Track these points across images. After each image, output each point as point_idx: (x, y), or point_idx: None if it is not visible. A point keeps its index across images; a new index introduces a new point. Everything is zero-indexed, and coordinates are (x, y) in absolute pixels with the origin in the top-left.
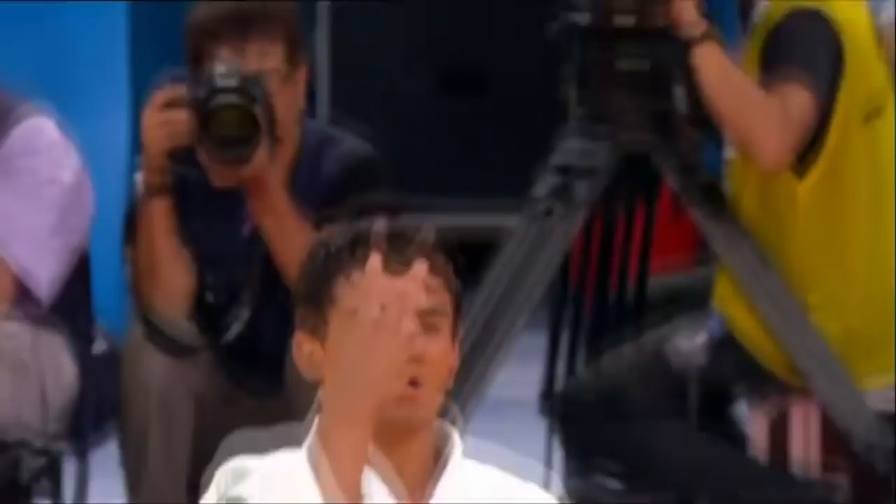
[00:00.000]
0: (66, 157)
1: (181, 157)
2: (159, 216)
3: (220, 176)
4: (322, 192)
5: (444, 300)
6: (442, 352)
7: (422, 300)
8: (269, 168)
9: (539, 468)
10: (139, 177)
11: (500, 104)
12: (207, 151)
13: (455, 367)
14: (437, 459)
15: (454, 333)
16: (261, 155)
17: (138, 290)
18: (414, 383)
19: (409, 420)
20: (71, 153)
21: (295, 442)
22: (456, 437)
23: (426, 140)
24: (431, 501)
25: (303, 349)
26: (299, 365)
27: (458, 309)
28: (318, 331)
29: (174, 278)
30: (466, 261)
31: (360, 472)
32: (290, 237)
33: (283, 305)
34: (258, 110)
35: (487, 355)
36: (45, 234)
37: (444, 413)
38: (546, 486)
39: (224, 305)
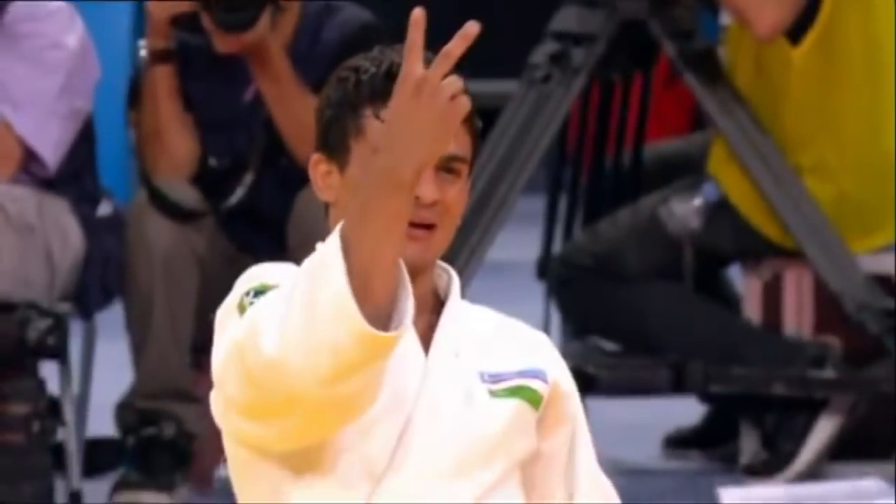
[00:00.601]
0: (70, 22)
1: (184, 23)
2: (163, 81)
3: (222, 42)
4: (322, 58)
5: (466, 145)
6: (458, 198)
7: (448, 146)
8: (271, 35)
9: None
10: (143, 43)
11: None
12: (212, 17)
13: (463, 206)
14: (436, 297)
15: (468, 177)
16: (262, 22)
17: (142, 154)
18: (429, 226)
19: (420, 259)
20: (75, 18)
21: None
22: (454, 274)
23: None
24: (437, 332)
25: (319, 168)
26: (313, 182)
27: (475, 152)
28: (337, 156)
29: (178, 142)
30: None
31: (401, 240)
32: (291, 103)
33: (285, 169)
34: None
35: (487, 218)
36: (51, 98)
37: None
38: None
39: (227, 169)
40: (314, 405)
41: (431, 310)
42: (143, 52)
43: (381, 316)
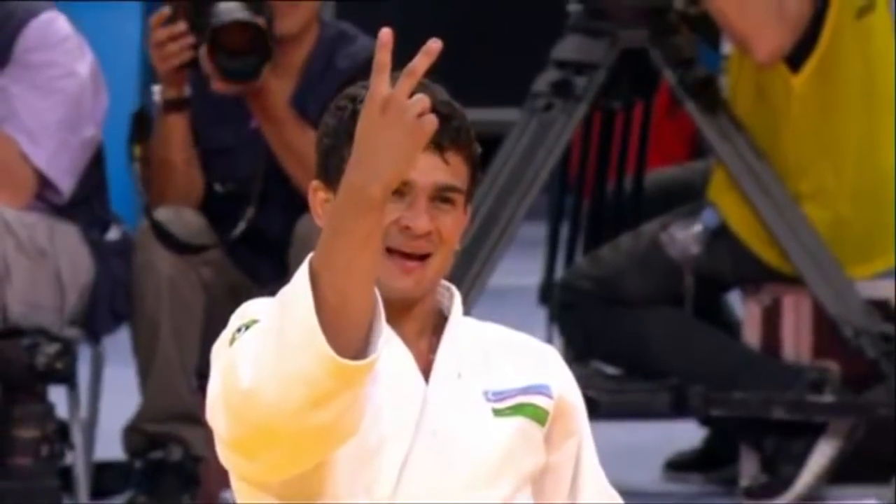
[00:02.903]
0: (80, 51)
1: (192, 66)
2: (177, 129)
3: (221, 85)
4: (332, 85)
5: (461, 175)
6: (453, 228)
7: (440, 177)
8: (268, 77)
9: None
10: (157, 89)
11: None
12: (215, 63)
13: (461, 232)
14: (440, 317)
15: (466, 203)
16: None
17: (147, 188)
18: (423, 257)
19: (415, 291)
20: (84, 46)
21: None
22: (456, 293)
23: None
24: (438, 353)
25: (318, 195)
26: (312, 209)
27: (473, 181)
28: (335, 184)
29: (187, 181)
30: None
31: (374, 261)
32: (290, 140)
33: (290, 195)
34: (266, 26)
35: (489, 245)
36: (65, 127)
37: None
38: None
39: (231, 194)
40: (293, 435)
41: (434, 331)
42: (156, 97)
43: (355, 343)
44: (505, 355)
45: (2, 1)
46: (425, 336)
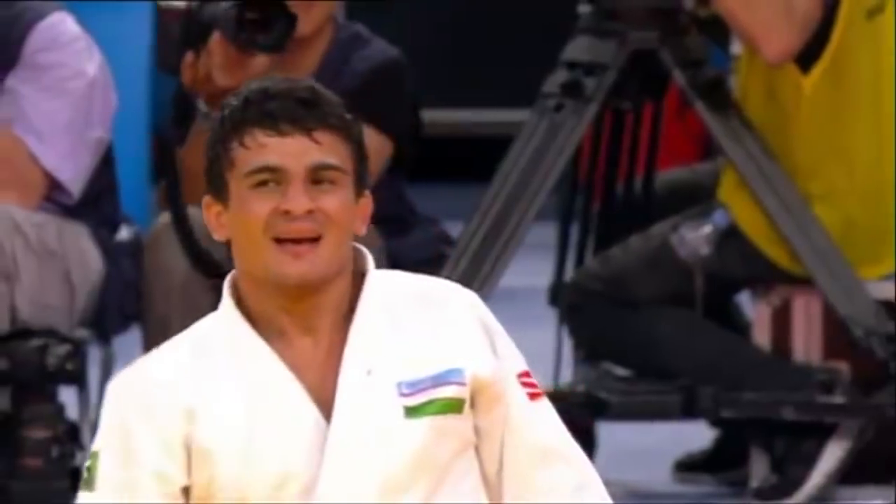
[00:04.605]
0: (88, 51)
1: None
2: None
3: (226, 75)
4: (347, 87)
5: (339, 153)
6: (338, 206)
7: (313, 157)
8: (269, 71)
9: (550, 355)
10: (201, 105)
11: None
12: (240, 40)
13: (362, 221)
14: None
15: (357, 189)
16: (259, 61)
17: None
18: (313, 240)
19: (310, 276)
20: (93, 47)
21: None
22: (368, 277)
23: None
24: (346, 350)
25: (210, 210)
26: (208, 225)
27: (357, 161)
28: (221, 193)
29: None
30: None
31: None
32: None
33: None
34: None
35: (499, 246)
36: (74, 128)
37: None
38: (556, 371)
39: None
40: None
41: (345, 323)
42: (202, 107)
43: None
44: (420, 331)
45: (10, 2)
46: (339, 328)
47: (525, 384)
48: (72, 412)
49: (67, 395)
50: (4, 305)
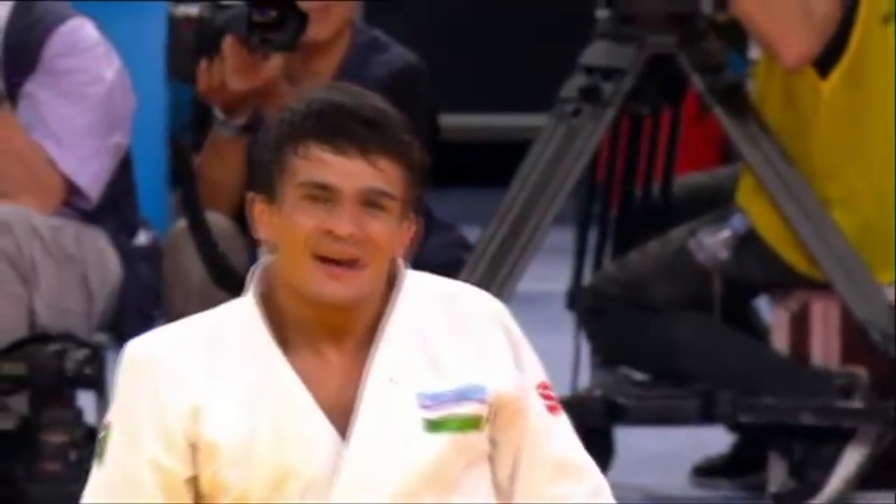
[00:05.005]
0: (107, 56)
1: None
2: (234, 152)
3: (239, 79)
4: None
5: (395, 181)
6: (384, 233)
7: (367, 181)
8: (281, 82)
9: (567, 359)
10: (218, 113)
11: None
12: (250, 41)
13: (404, 245)
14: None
15: (405, 214)
16: (273, 64)
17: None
18: (352, 263)
19: (344, 298)
20: (111, 52)
21: None
22: (402, 275)
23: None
24: (372, 359)
25: (255, 208)
26: (251, 222)
27: (415, 189)
28: (270, 196)
29: (232, 200)
30: (497, 159)
31: None
32: None
33: None
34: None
35: (517, 250)
36: (93, 133)
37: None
38: (574, 376)
39: None
40: None
41: (372, 326)
42: (218, 115)
43: None
44: (446, 341)
45: (29, 7)
46: (367, 332)
47: (544, 396)
48: (90, 416)
49: (85, 400)
50: (23, 310)
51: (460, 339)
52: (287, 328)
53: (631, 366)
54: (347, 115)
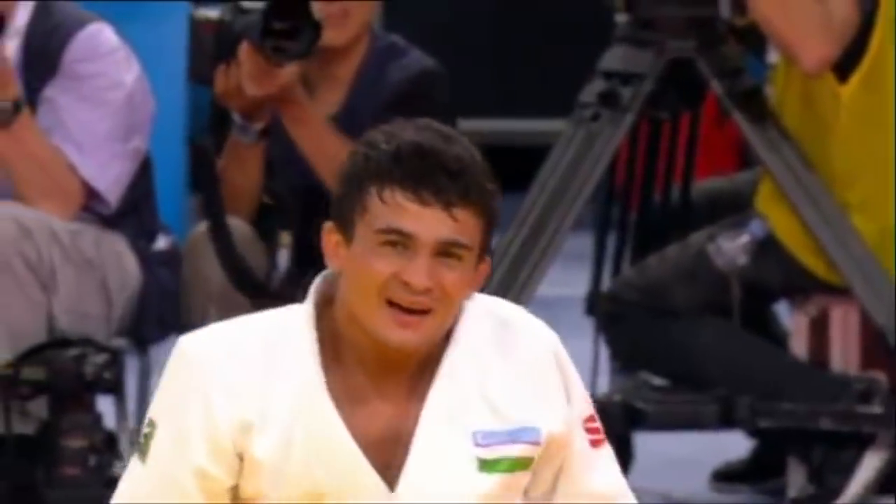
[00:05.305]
0: (127, 62)
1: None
2: (253, 157)
3: (256, 85)
4: (384, 98)
5: (471, 230)
6: (458, 284)
7: (445, 233)
8: (298, 86)
9: (586, 365)
10: (236, 118)
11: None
12: (265, 50)
13: (475, 288)
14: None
15: (479, 260)
16: (288, 71)
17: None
18: (422, 311)
19: (412, 344)
20: (131, 57)
21: None
22: (464, 308)
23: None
24: (430, 399)
25: (330, 237)
26: (324, 251)
27: (488, 234)
28: (345, 228)
29: (250, 205)
30: (516, 164)
31: None
32: (322, 146)
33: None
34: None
35: (536, 255)
36: (113, 138)
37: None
38: (593, 381)
39: (279, 208)
40: None
41: (429, 357)
42: (237, 120)
43: None
44: (501, 377)
45: (49, 12)
46: (420, 374)
47: (589, 430)
48: (109, 421)
49: (105, 405)
50: (42, 315)
51: (515, 374)
52: (341, 345)
53: (650, 371)
54: (432, 164)
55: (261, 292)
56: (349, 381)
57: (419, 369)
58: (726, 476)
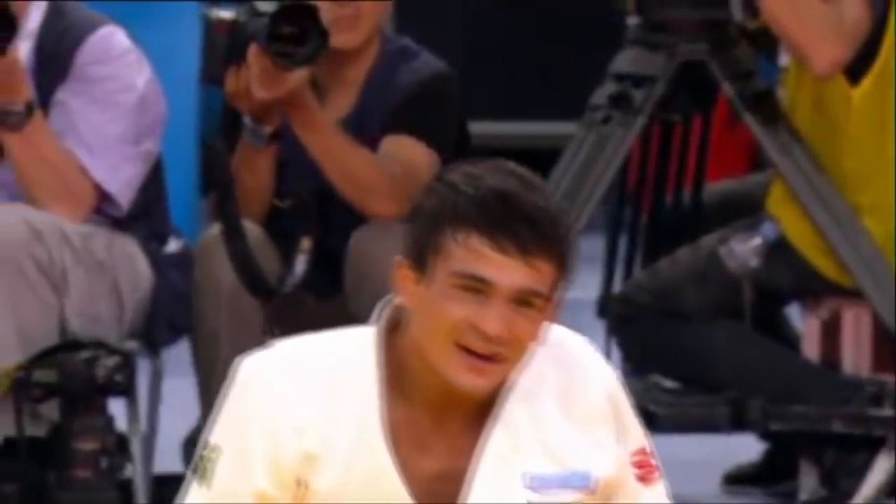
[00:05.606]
0: (138, 64)
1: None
2: (264, 160)
3: (265, 88)
4: (395, 101)
5: (547, 279)
6: (532, 333)
7: (523, 282)
8: (306, 90)
9: None
10: (246, 120)
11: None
12: (273, 54)
13: (545, 329)
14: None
15: (553, 300)
16: (297, 76)
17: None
18: (494, 358)
19: (482, 389)
20: (143, 60)
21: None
22: (532, 350)
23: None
24: (486, 436)
25: (402, 272)
26: (394, 285)
27: (562, 280)
28: (421, 266)
29: (261, 207)
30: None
31: None
32: (331, 150)
33: (347, 210)
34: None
35: None
36: (124, 141)
37: None
38: None
39: (291, 211)
40: None
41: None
42: (247, 123)
43: None
44: (557, 416)
45: (61, 15)
46: (478, 411)
47: (639, 464)
48: (121, 424)
49: (116, 407)
50: (53, 317)
51: (570, 418)
52: (405, 375)
53: (661, 373)
54: (514, 213)
55: (272, 295)
56: (409, 412)
57: (478, 405)
58: (738, 479)
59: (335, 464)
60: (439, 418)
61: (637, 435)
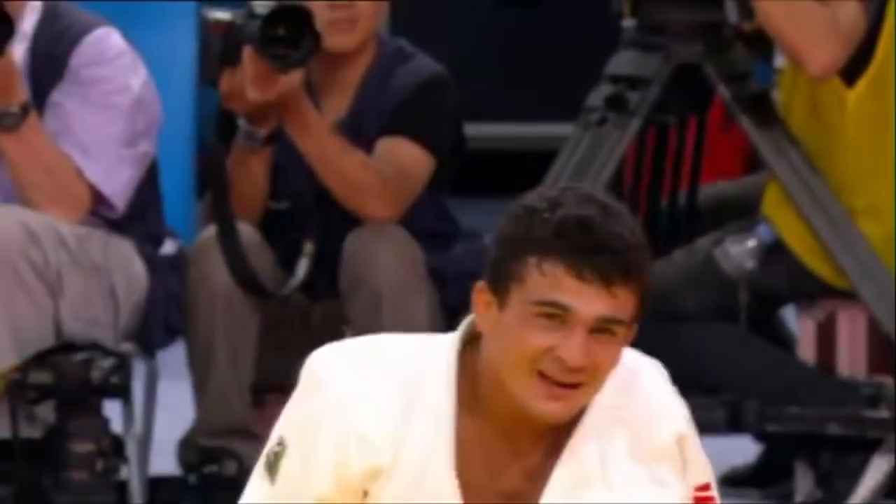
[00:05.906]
0: (134, 66)
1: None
2: (259, 162)
3: (259, 90)
4: (391, 103)
5: (627, 306)
6: (612, 360)
7: (603, 310)
8: (300, 92)
9: None
10: (242, 122)
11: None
12: (268, 57)
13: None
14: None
15: (631, 332)
16: (291, 78)
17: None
18: (573, 386)
19: (561, 417)
20: (138, 61)
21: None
22: (591, 401)
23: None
24: (558, 469)
25: (481, 296)
26: (474, 310)
27: (640, 311)
28: (499, 293)
29: (256, 210)
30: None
31: None
32: (325, 153)
33: (343, 212)
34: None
35: None
36: (119, 143)
37: None
38: None
39: (286, 211)
40: None
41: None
42: (242, 125)
43: None
44: (622, 450)
45: (56, 16)
46: (549, 444)
47: (701, 500)
48: (116, 426)
49: (112, 409)
50: (49, 319)
51: (637, 452)
52: (480, 391)
53: None
54: (595, 241)
55: (267, 297)
56: (480, 430)
57: (549, 430)
58: (734, 480)
59: (400, 480)
60: (510, 437)
61: (702, 471)
